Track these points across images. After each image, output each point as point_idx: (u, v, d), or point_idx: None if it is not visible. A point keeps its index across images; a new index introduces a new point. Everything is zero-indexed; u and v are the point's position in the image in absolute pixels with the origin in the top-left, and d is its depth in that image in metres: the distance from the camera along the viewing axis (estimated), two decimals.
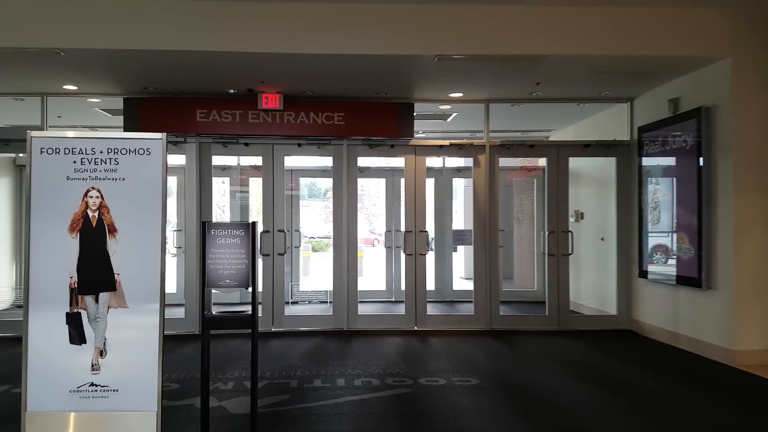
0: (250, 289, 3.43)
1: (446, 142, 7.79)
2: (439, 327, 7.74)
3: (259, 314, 7.62)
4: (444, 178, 10.53)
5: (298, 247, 10.54)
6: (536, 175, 10.81)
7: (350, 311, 7.66)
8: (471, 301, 8.85)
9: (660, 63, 6.32)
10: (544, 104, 8.10)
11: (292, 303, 9.22)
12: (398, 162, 11.09)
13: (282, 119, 7.37)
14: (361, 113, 7.53)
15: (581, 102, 8.07)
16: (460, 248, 11.29)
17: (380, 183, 11.22)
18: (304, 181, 11.44)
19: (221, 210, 13.92)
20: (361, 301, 8.09)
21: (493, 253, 7.83)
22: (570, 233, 7.92)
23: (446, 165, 10.56)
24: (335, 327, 7.63)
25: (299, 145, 7.58)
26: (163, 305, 3.23)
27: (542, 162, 10.95)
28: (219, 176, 11.37)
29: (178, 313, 7.53)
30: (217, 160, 8.29)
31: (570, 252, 7.91)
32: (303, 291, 9.87)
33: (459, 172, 10.66)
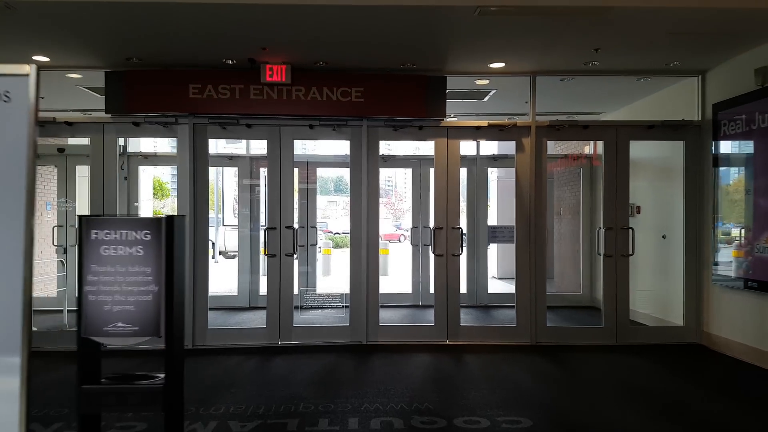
0: (161, 337, 2.17)
1: (484, 123, 6.56)
2: (474, 340, 6.54)
3: (263, 326, 6.70)
4: (478, 168, 9.30)
5: (315, 245, 9.44)
6: (581, 165, 9.53)
7: (370, 321, 6.52)
8: (507, 306, 7.67)
9: (752, 20, 5.00)
10: (598, 78, 6.81)
11: (309, 308, 8.14)
12: (427, 148, 9.87)
13: (290, 96, 6.25)
14: (384, 88, 6.36)
15: (644, 76, 6.76)
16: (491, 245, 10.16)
17: (406, 174, 10.06)
18: (325, 174, 10.38)
19: (234, 204, 13.06)
20: (383, 306, 6.97)
21: (539, 253, 6.59)
22: (631, 230, 6.65)
23: (480, 152, 9.35)
24: (352, 340, 6.50)
25: (311, 126, 6.44)
26: (28, 361, 1.77)
27: (589, 150, 9.71)
28: (226, 166, 10.31)
29: None
30: (217, 146, 7.21)
31: (631, 253, 6.64)
32: (321, 294, 8.77)
33: (495, 160, 9.43)
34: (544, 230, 6.65)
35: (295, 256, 6.50)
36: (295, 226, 6.59)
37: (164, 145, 10.64)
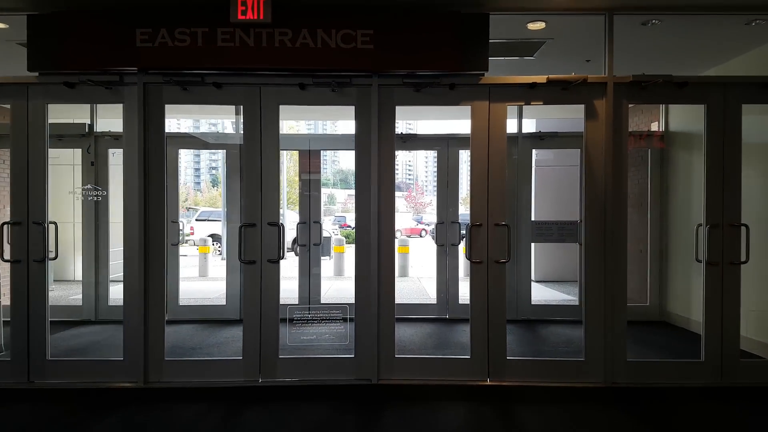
0: None
1: (542, 78, 4.75)
2: (525, 380, 4.76)
3: (240, 355, 4.99)
4: (520, 149, 7.49)
5: (318, 244, 7.73)
6: (648, 146, 7.66)
7: (382, 351, 4.78)
8: (557, 322, 5.99)
9: None
10: (695, 18, 4.95)
11: (309, 321, 6.45)
12: (457, 123, 8.12)
13: (271, 41, 4.53)
14: (401, 31, 4.60)
15: (760, 13, 4.89)
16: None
17: (429, 157, 8.40)
18: (345, 167, 8.67)
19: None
20: (401, 320, 5.28)
21: (616, 258, 4.78)
22: (744, 228, 4.81)
23: (523, 129, 7.53)
24: (358, 378, 4.77)
25: (301, 86, 4.70)
26: None
27: (659, 126, 7.85)
28: (212, 149, 8.68)
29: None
30: (176, 111, 5.53)
31: (743, 260, 4.80)
32: (322, 306, 7.06)
33: (540, 140, 7.60)
34: (625, 227, 4.82)
35: (284, 259, 4.78)
36: (287, 221, 4.88)
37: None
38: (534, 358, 5.42)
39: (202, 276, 12.74)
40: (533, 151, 7.67)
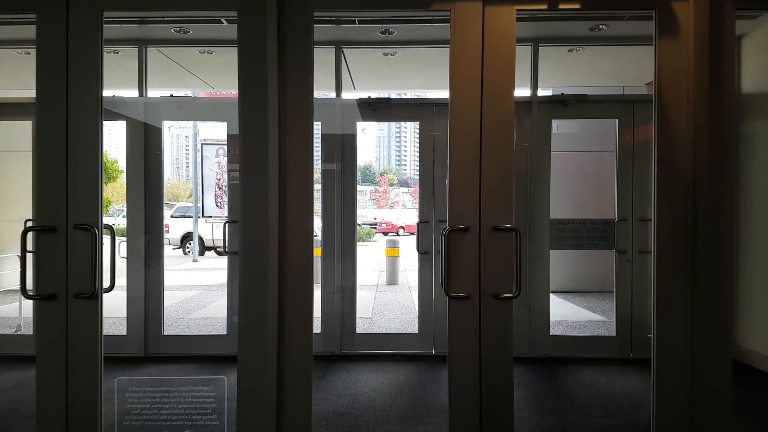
0: None
1: None
2: None
3: None
4: (534, 118, 5.34)
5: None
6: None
7: None
8: (588, 362, 3.99)
9: None
10: None
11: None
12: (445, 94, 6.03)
13: None
14: None
15: None
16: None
17: (407, 131, 6.21)
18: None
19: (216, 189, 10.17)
20: (365, 357, 3.29)
21: (717, 278, 2.63)
22: None
23: (539, 91, 5.38)
24: None
25: None
26: None
27: None
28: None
29: None
30: None
31: None
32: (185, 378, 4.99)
33: (564, 106, 5.44)
34: (732, 227, 2.66)
35: (108, 293, 2.69)
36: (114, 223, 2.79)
37: None
38: None
39: None
40: (553, 122, 5.51)
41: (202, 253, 16.31)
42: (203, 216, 14.85)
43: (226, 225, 5.42)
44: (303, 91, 2.57)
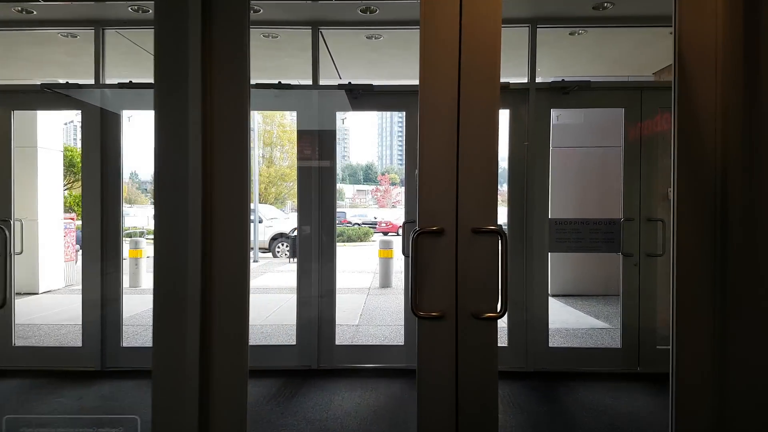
0: None
1: None
2: None
3: None
4: (531, 109, 4.82)
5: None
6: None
7: None
8: (592, 375, 3.51)
9: None
10: None
11: None
12: None
13: None
14: None
15: None
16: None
17: (393, 121, 5.68)
18: (354, 162, 6.16)
19: None
20: (343, 372, 2.76)
21: (751, 287, 2.13)
22: None
23: (537, 77, 4.86)
24: None
25: None
26: None
27: None
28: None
29: None
30: None
31: None
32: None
33: (565, 94, 4.92)
34: None
35: None
36: None
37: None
38: None
39: (133, 286, 10.23)
40: (552, 112, 4.98)
41: None
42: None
43: None
44: (234, 57, 2.06)
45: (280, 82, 4.78)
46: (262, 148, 27.11)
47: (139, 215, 21.83)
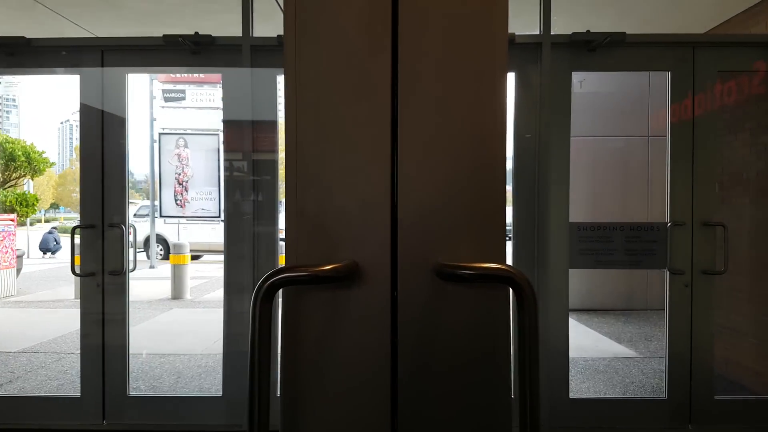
0: None
1: None
2: None
3: None
4: (545, 68, 3.49)
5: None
6: None
7: None
8: None
9: None
10: None
11: None
12: None
13: None
14: None
15: None
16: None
17: None
18: None
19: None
20: None
21: None
22: None
23: (552, 29, 3.54)
24: None
25: None
26: None
27: None
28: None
29: None
30: None
31: None
32: None
33: (591, 51, 3.58)
34: None
35: None
36: None
37: None
38: None
39: None
40: (574, 77, 3.64)
41: (166, 257, 14.48)
42: (161, 216, 13.06)
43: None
44: None
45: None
46: None
47: None
